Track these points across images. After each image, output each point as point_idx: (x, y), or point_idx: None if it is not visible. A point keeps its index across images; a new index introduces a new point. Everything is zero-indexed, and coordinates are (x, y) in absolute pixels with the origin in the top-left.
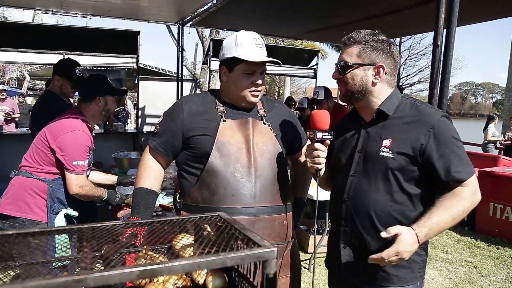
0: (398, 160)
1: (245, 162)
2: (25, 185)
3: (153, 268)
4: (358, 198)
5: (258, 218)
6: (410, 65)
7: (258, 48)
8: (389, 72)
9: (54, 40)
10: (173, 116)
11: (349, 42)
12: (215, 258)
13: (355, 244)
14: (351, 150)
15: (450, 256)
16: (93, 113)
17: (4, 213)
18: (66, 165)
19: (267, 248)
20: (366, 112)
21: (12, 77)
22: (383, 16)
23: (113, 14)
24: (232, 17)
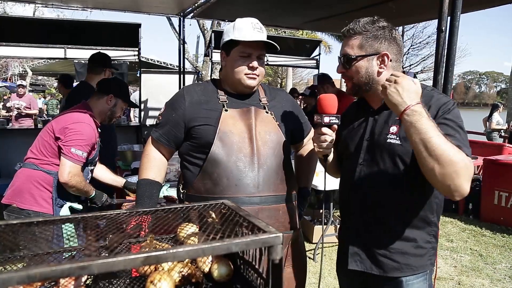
0: (405, 145)
1: (247, 151)
2: (31, 177)
3: (158, 254)
4: (367, 186)
5: (262, 207)
6: (413, 54)
7: (256, 31)
8: (393, 58)
9: (56, 34)
10: (175, 107)
11: (348, 34)
12: (220, 244)
13: (364, 233)
14: (359, 138)
15: (455, 245)
16: (101, 109)
17: (10, 204)
18: (64, 150)
19: (273, 234)
20: (374, 100)
21: (15, 73)
22: (386, 4)
23: (114, 7)
24: (233, 8)
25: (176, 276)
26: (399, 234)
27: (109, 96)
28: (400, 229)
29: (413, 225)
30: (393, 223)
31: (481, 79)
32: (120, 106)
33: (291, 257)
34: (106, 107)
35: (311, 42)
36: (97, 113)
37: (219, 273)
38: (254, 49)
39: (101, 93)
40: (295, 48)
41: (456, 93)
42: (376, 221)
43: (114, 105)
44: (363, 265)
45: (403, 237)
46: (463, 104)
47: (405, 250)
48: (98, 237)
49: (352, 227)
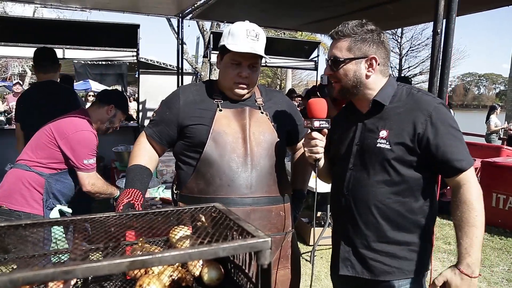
0: (395, 151)
1: (241, 151)
2: (22, 177)
3: (144, 258)
4: (357, 191)
5: (254, 208)
6: (411, 56)
7: (249, 40)
8: (381, 62)
9: (55, 35)
10: (170, 105)
11: (337, 36)
12: (207, 248)
13: (355, 238)
14: (348, 143)
15: (453, 247)
16: (100, 118)
17: (0, 206)
18: (77, 164)
19: (261, 239)
20: (362, 104)
21: (14, 73)
22: (384, 6)
23: (112, 7)
24: (231, 9)
25: (166, 280)
26: (391, 238)
27: (110, 106)
28: (391, 233)
29: (404, 229)
30: (384, 228)
31: (480, 81)
32: (119, 118)
33: (284, 259)
34: (105, 116)
35: (310, 43)
36: (95, 121)
37: (209, 277)
38: (245, 58)
39: (102, 102)
40: (293, 50)
41: (455, 95)
42: (367, 225)
43: (114, 116)
44: (354, 270)
45: (395, 241)
46: (462, 105)
47: (397, 254)
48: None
49: (343, 232)
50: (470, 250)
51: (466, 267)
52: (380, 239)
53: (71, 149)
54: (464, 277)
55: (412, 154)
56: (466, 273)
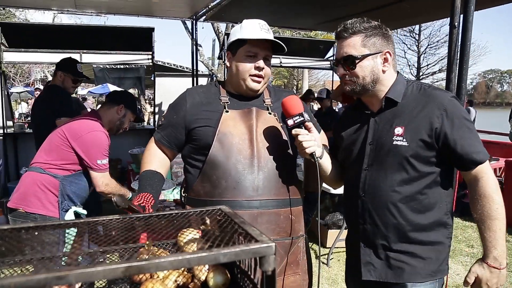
0: (413, 147)
1: (247, 153)
2: (37, 180)
3: (140, 264)
4: (375, 192)
5: (261, 211)
6: (430, 53)
7: (263, 32)
8: (393, 56)
9: (72, 40)
10: (177, 109)
11: (347, 34)
12: (207, 254)
13: (376, 241)
14: (361, 143)
15: (476, 251)
16: (110, 119)
17: (17, 209)
18: (91, 164)
19: (265, 244)
20: (372, 102)
21: (37, 78)
22: (400, 3)
23: (127, 12)
24: (245, 10)
25: (171, 285)
26: (412, 237)
27: (120, 106)
28: (415, 234)
29: (428, 228)
30: (404, 227)
31: (503, 78)
32: (128, 118)
33: (294, 265)
34: (116, 116)
35: (325, 43)
36: (106, 122)
37: (215, 282)
38: (261, 48)
39: (112, 103)
40: (308, 50)
41: (476, 93)
42: (387, 226)
43: (124, 116)
44: (378, 274)
45: (416, 240)
46: (484, 103)
47: (420, 253)
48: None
49: (362, 235)
50: (495, 243)
51: (493, 260)
52: (401, 239)
53: (85, 149)
54: (493, 270)
55: (430, 150)
56: (494, 266)
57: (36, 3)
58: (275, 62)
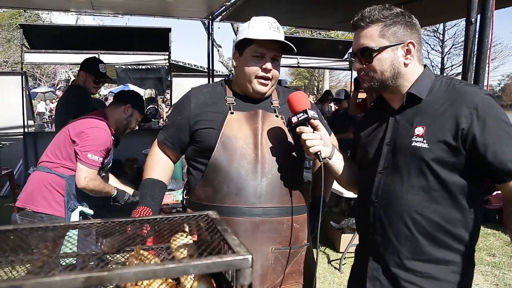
0: (434, 150)
1: (251, 158)
2: (44, 179)
3: (101, 275)
4: (388, 199)
5: (263, 219)
6: (455, 54)
7: (272, 31)
8: (417, 48)
9: (90, 41)
10: (181, 109)
11: (364, 23)
12: (175, 266)
13: (386, 255)
14: (378, 143)
15: (498, 260)
16: (117, 118)
17: (24, 208)
18: (80, 155)
19: (240, 256)
20: (394, 99)
21: (61, 79)
22: (420, 1)
23: (143, 12)
24: (261, 9)
25: None
26: (428, 255)
27: (126, 106)
28: (428, 249)
29: (444, 245)
30: (420, 242)
31: None
32: (135, 117)
33: (297, 274)
34: (122, 116)
35: (344, 43)
36: (113, 122)
37: None
38: (268, 49)
39: (119, 102)
40: (327, 50)
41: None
42: (399, 239)
43: (130, 115)
44: None
45: (433, 259)
46: None
47: (435, 275)
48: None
49: (371, 247)
50: None
51: None
52: (415, 256)
53: (80, 141)
54: None
55: (455, 155)
56: None
57: (55, 5)
58: (292, 62)
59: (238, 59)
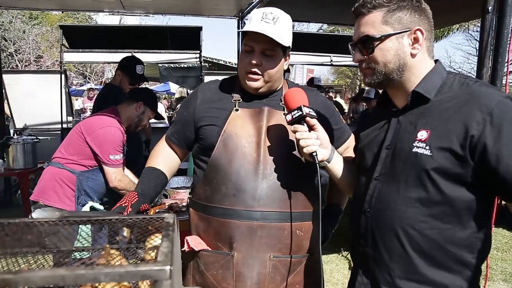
0: (437, 158)
1: (252, 158)
2: (55, 174)
3: (5, 277)
4: (381, 209)
5: (262, 224)
6: None
7: (263, 23)
8: (427, 36)
9: (125, 40)
10: (187, 105)
11: (365, 10)
12: (84, 272)
13: (376, 272)
14: (377, 147)
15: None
16: (129, 115)
17: (37, 201)
18: (104, 159)
19: (157, 266)
20: (399, 96)
21: (108, 77)
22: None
23: (174, 11)
24: (289, 6)
25: None
26: (423, 275)
27: (138, 103)
28: (424, 269)
29: (443, 266)
30: (414, 261)
31: None
32: (147, 115)
33: (300, 285)
34: (134, 113)
35: None
36: (125, 119)
37: None
38: (257, 42)
39: (131, 100)
40: None
41: None
42: (391, 255)
43: (142, 113)
44: None
45: (428, 280)
46: None
47: None
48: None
49: (361, 260)
50: None
51: None
52: (408, 276)
53: (98, 144)
54: None
55: (462, 165)
56: None
57: (90, 6)
58: (325, 60)
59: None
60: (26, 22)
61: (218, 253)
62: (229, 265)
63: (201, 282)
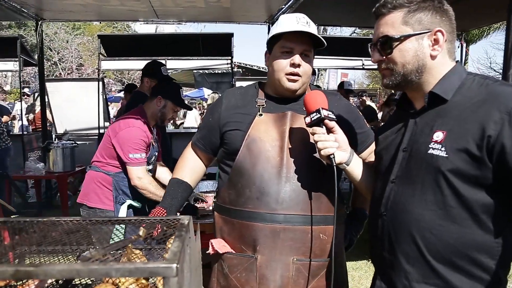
0: (454, 160)
1: (276, 161)
2: (94, 178)
3: (28, 269)
4: (397, 212)
5: (285, 227)
6: None
7: (300, 25)
8: (448, 38)
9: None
10: (213, 111)
11: (385, 10)
12: (97, 267)
13: (393, 276)
14: (395, 149)
15: None
16: (152, 111)
17: (82, 203)
18: (124, 158)
19: (164, 264)
20: (417, 98)
21: None
22: None
23: (205, 19)
24: (319, 11)
25: None
26: (441, 279)
27: (157, 98)
28: (443, 275)
29: (461, 270)
30: (431, 264)
31: None
32: (170, 108)
33: None
34: (156, 108)
35: None
36: (150, 116)
37: None
38: (297, 43)
39: (152, 95)
40: None
41: None
42: (408, 259)
43: (164, 107)
44: None
45: (446, 284)
46: None
47: None
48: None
49: (379, 264)
50: None
51: None
52: (426, 279)
53: (119, 144)
54: None
55: (479, 167)
56: None
57: (126, 16)
58: (357, 64)
59: (269, 58)
60: (70, 32)
61: (241, 256)
62: (253, 268)
63: (225, 285)
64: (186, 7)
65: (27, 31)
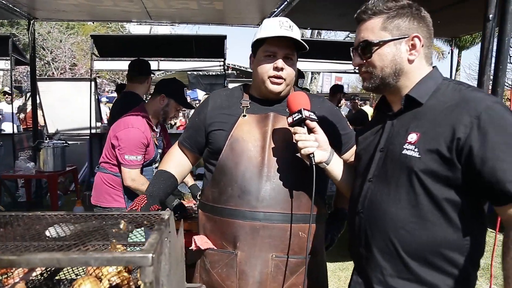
0: (425, 160)
1: (257, 161)
2: (103, 179)
3: (10, 258)
4: (373, 210)
5: (264, 225)
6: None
7: (283, 29)
8: (425, 43)
9: (151, 49)
10: (199, 111)
11: (366, 16)
12: (77, 256)
13: (369, 271)
14: (373, 149)
15: None
16: (154, 109)
17: (96, 205)
18: (120, 159)
19: (140, 254)
20: (395, 101)
21: None
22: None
23: (198, 21)
24: (311, 14)
25: (106, 284)
26: (414, 274)
27: (161, 96)
28: (415, 269)
29: (433, 266)
30: (405, 260)
31: None
32: (173, 106)
33: (302, 287)
34: (159, 106)
35: None
36: (152, 114)
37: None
38: (279, 47)
39: (155, 93)
40: None
41: None
42: (383, 255)
43: (167, 105)
44: None
45: (419, 279)
46: None
47: None
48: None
49: (356, 260)
50: None
51: None
52: (400, 274)
53: (117, 144)
54: None
55: (450, 168)
56: None
57: (119, 17)
58: (351, 68)
59: (253, 61)
60: (63, 32)
61: (222, 252)
62: (233, 264)
63: (207, 280)
64: (179, 8)
65: (20, 30)
